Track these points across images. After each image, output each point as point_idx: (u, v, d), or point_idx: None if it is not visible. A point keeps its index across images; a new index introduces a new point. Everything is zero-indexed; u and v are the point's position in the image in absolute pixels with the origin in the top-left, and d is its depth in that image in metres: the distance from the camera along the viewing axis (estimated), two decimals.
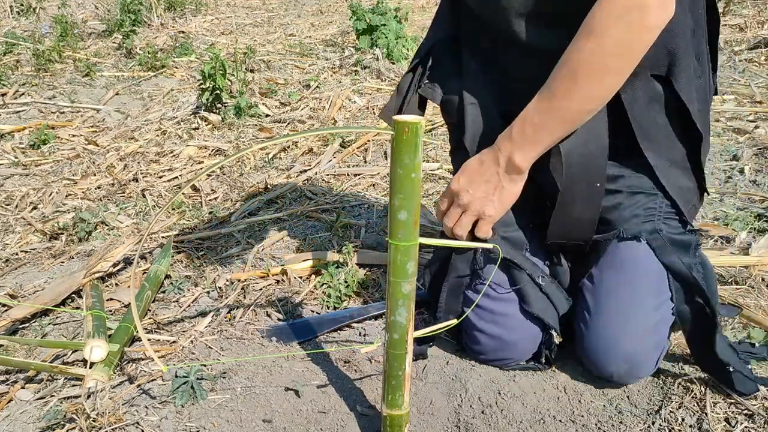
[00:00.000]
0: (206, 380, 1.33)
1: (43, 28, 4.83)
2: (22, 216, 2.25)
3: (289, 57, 4.33)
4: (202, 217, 2.19)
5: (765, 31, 3.91)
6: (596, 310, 1.25)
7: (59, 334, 1.58)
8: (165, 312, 1.63)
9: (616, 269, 1.25)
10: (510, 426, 1.22)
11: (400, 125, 0.87)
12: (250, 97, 3.30)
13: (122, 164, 2.68)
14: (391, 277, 0.98)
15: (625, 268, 1.24)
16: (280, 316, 1.60)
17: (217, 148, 2.81)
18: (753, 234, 1.86)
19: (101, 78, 3.94)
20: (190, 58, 4.30)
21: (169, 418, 1.24)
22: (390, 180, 0.92)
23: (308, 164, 2.59)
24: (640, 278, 1.23)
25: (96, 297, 1.62)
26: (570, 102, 1.10)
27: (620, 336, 1.21)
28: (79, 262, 1.92)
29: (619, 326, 1.22)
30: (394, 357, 1.05)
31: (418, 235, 0.96)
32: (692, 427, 1.19)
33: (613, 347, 1.22)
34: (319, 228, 2.06)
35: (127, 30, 4.52)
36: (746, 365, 1.25)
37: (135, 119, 3.24)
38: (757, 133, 2.58)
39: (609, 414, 1.24)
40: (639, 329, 1.22)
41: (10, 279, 1.85)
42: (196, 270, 1.83)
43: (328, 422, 1.24)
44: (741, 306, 1.24)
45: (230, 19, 5.76)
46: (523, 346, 1.32)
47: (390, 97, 1.48)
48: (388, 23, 4.05)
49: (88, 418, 1.21)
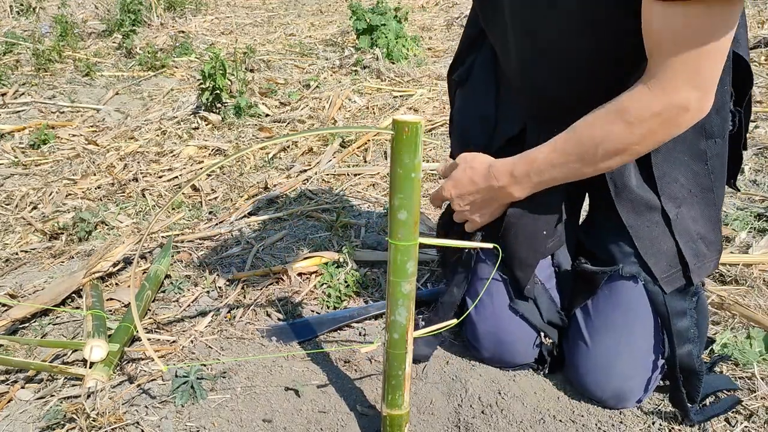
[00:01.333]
0: (206, 380, 1.33)
1: (43, 28, 4.83)
2: (22, 216, 2.25)
3: (289, 57, 4.33)
4: (202, 217, 2.19)
5: (765, 31, 3.91)
6: (589, 343, 1.25)
7: (59, 334, 1.58)
8: (165, 312, 1.63)
9: (611, 306, 1.24)
10: (510, 426, 1.22)
11: (400, 125, 0.87)
12: (250, 97, 3.30)
13: (122, 164, 2.68)
14: (391, 277, 0.98)
15: (620, 306, 1.23)
16: (280, 315, 1.60)
17: (217, 147, 2.81)
18: (753, 234, 1.86)
19: (101, 78, 3.94)
20: (190, 58, 4.30)
21: (169, 417, 1.24)
22: (390, 180, 0.92)
23: (308, 164, 2.59)
24: (632, 320, 1.22)
25: (96, 297, 1.62)
26: (583, 167, 1.10)
27: (611, 373, 1.22)
28: (79, 261, 1.92)
29: (609, 364, 1.22)
30: (394, 357, 1.05)
31: (418, 235, 0.96)
32: (692, 427, 1.19)
33: (603, 382, 1.23)
34: (319, 228, 2.06)
35: (127, 30, 4.52)
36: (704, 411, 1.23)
37: (135, 119, 3.24)
38: (757, 133, 2.58)
39: (609, 414, 1.24)
40: (629, 369, 1.22)
41: (10, 279, 1.85)
42: (196, 270, 1.83)
43: (328, 422, 1.24)
44: (740, 399, 1.24)
45: (230, 18, 5.75)
46: (521, 347, 1.32)
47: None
48: (388, 23, 4.05)
49: (88, 418, 1.21)
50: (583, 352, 1.26)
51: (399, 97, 3.37)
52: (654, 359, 1.22)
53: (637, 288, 1.21)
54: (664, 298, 1.19)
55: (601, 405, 1.26)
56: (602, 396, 1.24)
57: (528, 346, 1.32)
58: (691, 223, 1.18)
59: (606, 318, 1.24)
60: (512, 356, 1.33)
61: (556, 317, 1.31)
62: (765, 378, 1.30)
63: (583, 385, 1.27)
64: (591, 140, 1.05)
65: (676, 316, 1.19)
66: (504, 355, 1.33)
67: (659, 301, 1.20)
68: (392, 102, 3.30)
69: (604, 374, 1.22)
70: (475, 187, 1.22)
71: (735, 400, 1.23)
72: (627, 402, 1.24)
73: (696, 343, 1.19)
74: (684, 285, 1.19)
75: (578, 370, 1.26)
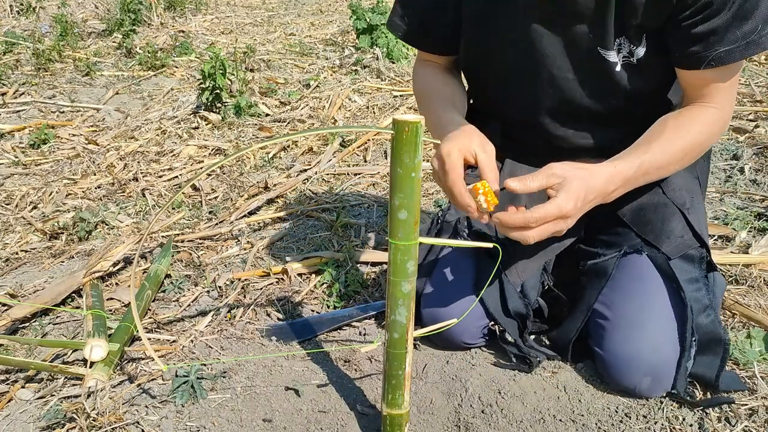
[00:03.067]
0: (206, 380, 1.33)
1: (43, 28, 4.83)
2: (22, 215, 2.25)
3: (289, 56, 4.33)
4: (202, 217, 2.19)
5: None
6: (612, 317, 1.26)
7: (59, 334, 1.58)
8: (165, 311, 1.63)
9: (625, 280, 1.28)
10: (510, 425, 1.22)
11: (400, 124, 0.87)
12: (250, 97, 3.30)
13: (122, 164, 2.68)
14: (391, 277, 0.98)
15: (632, 277, 1.28)
16: (280, 315, 1.60)
17: (217, 147, 2.81)
18: (753, 233, 1.86)
19: (101, 77, 3.94)
20: (190, 58, 4.30)
21: (169, 417, 1.24)
22: (390, 179, 0.92)
23: (308, 164, 2.59)
24: (647, 286, 1.26)
25: (96, 296, 1.62)
26: (673, 168, 1.24)
27: (641, 346, 1.22)
28: (79, 261, 1.92)
29: (637, 335, 1.23)
30: (394, 356, 1.05)
31: (418, 234, 0.96)
32: (692, 427, 1.19)
33: (635, 358, 1.22)
34: (319, 227, 2.06)
35: (127, 29, 4.52)
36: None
37: (135, 119, 3.24)
38: (757, 132, 2.58)
39: (609, 413, 1.24)
40: (657, 337, 1.22)
41: (10, 278, 1.85)
42: (196, 269, 1.83)
43: (329, 422, 1.24)
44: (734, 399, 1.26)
45: (230, 18, 5.75)
46: (460, 316, 1.26)
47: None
48: None
49: (88, 418, 1.21)
50: (609, 332, 1.26)
51: (399, 96, 3.37)
52: (679, 329, 1.23)
53: (642, 258, 1.29)
54: (669, 264, 1.26)
55: (637, 393, 1.24)
56: (637, 373, 1.22)
57: (471, 323, 1.33)
58: (678, 190, 1.36)
59: (622, 291, 1.28)
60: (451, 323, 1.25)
61: (520, 305, 1.33)
62: (765, 378, 1.30)
63: (617, 369, 1.24)
64: (698, 145, 1.23)
65: (687, 282, 1.24)
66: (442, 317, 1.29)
67: (666, 267, 1.26)
68: (392, 101, 3.30)
69: (635, 348, 1.22)
70: (593, 194, 1.12)
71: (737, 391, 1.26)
72: (662, 379, 1.22)
73: (715, 311, 1.25)
74: (688, 252, 1.28)
75: (609, 352, 1.25)
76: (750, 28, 1.10)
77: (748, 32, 1.10)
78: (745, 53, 1.12)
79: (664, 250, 1.28)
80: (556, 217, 1.07)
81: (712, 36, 1.12)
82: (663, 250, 1.28)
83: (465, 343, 1.38)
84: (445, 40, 1.39)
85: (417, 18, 1.38)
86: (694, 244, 1.29)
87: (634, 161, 1.17)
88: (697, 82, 1.20)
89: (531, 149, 1.40)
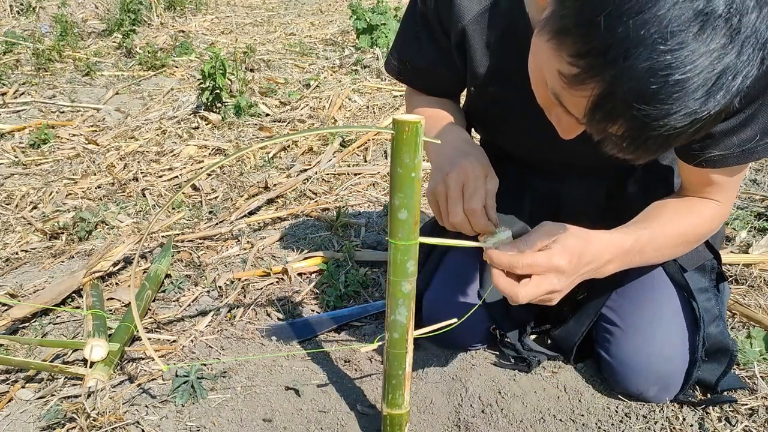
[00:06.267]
0: (206, 379, 1.33)
1: (43, 28, 4.83)
2: (22, 215, 2.25)
3: (289, 56, 4.33)
4: (202, 217, 2.19)
5: None
6: (622, 325, 1.26)
7: (59, 334, 1.58)
8: (165, 311, 1.63)
9: (636, 288, 1.27)
10: (510, 425, 1.22)
11: (401, 124, 0.87)
12: (250, 97, 3.30)
13: (122, 163, 2.68)
14: (391, 277, 0.98)
15: (644, 286, 1.27)
16: (280, 315, 1.60)
17: (217, 147, 2.81)
18: (753, 233, 1.86)
19: (101, 77, 3.94)
20: (190, 58, 4.30)
21: (170, 417, 1.24)
22: (390, 179, 0.92)
23: (308, 163, 2.59)
24: (659, 296, 1.26)
25: (96, 296, 1.62)
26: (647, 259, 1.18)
27: (650, 354, 1.22)
28: (79, 261, 1.92)
29: (647, 343, 1.23)
30: (395, 356, 1.05)
31: (418, 234, 0.96)
32: (693, 427, 1.19)
33: (645, 367, 1.22)
34: (319, 227, 2.06)
35: (127, 29, 4.52)
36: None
37: (135, 118, 3.24)
38: None
39: (609, 413, 1.24)
40: (667, 347, 1.22)
41: (10, 278, 1.85)
42: (196, 269, 1.83)
43: (329, 421, 1.24)
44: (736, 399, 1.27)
45: (230, 18, 5.75)
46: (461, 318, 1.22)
47: None
48: (388, 22, 4.05)
49: (89, 418, 1.21)
50: (618, 339, 1.26)
51: (399, 96, 3.37)
52: (690, 339, 1.23)
53: (654, 268, 1.27)
54: (682, 274, 1.26)
55: (642, 398, 1.25)
56: (646, 382, 1.22)
57: (474, 323, 1.30)
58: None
59: (632, 297, 1.27)
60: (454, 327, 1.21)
61: (523, 310, 1.32)
62: (765, 378, 1.30)
63: (624, 377, 1.24)
64: (693, 235, 1.19)
65: (698, 292, 1.24)
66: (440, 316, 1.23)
67: (678, 276, 1.26)
68: (392, 101, 3.30)
69: (645, 357, 1.22)
70: (589, 257, 1.01)
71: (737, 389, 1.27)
72: (670, 388, 1.23)
73: (723, 320, 1.25)
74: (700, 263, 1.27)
75: (617, 359, 1.25)
76: (748, 136, 1.03)
77: (746, 140, 1.03)
78: (740, 160, 1.05)
79: (680, 261, 1.26)
80: (546, 270, 0.94)
81: (708, 138, 1.04)
82: (679, 261, 1.26)
83: (466, 345, 1.39)
84: (448, 93, 1.36)
85: (418, 77, 1.34)
86: (708, 255, 1.28)
87: (631, 234, 1.09)
88: (696, 178, 1.15)
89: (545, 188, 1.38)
